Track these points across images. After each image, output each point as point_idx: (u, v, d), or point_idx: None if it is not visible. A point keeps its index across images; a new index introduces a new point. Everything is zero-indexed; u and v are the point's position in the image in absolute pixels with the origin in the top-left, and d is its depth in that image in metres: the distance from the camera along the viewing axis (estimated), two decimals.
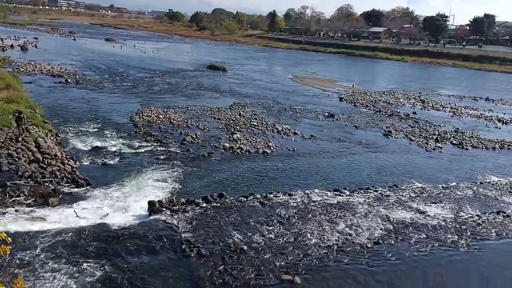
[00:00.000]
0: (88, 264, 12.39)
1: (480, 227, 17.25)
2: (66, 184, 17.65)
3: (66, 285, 11.32)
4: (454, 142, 31.08)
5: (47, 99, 33.26)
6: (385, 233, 16.08)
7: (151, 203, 16.27)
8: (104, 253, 13.06)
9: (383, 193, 20.00)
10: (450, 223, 17.43)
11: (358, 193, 19.67)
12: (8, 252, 6.01)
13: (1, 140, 19.79)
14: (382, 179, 22.18)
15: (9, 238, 5.96)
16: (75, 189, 17.40)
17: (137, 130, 26.71)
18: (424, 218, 17.71)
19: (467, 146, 30.36)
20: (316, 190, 19.48)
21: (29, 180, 17.12)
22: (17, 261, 11.92)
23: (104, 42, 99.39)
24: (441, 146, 29.84)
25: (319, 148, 26.94)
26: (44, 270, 11.83)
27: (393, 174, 23.25)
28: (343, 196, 19.18)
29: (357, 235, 15.66)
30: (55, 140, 22.52)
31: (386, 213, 17.77)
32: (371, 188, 20.48)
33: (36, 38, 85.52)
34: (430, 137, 31.84)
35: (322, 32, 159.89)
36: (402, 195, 19.94)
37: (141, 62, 65.20)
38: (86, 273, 11.97)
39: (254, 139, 26.89)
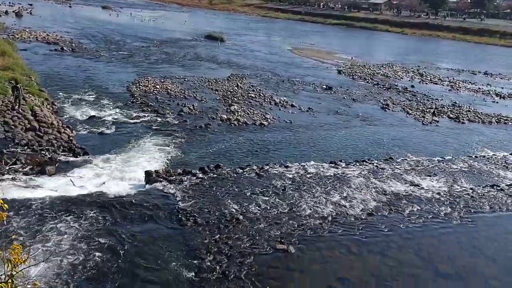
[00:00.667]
0: (84, 231, 12.51)
1: (474, 200, 17.44)
2: (63, 153, 17.68)
3: (62, 251, 11.47)
4: (451, 116, 31.11)
5: (43, 66, 32.96)
6: (379, 205, 16.25)
7: (148, 173, 16.33)
8: (100, 221, 13.18)
9: (379, 165, 20.11)
10: (444, 196, 17.61)
11: (353, 166, 19.75)
12: (5, 218, 6.05)
13: None
14: (378, 152, 22.29)
15: (5, 205, 5.98)
16: (72, 158, 17.44)
17: (134, 100, 26.59)
18: (418, 190, 17.87)
19: (463, 120, 30.40)
20: (312, 162, 19.56)
21: (25, 148, 17.13)
22: (14, 228, 12.05)
23: (100, 10, 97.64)
24: (437, 119, 29.88)
25: (316, 120, 26.93)
26: (41, 236, 11.96)
27: (389, 147, 23.35)
28: (338, 168, 19.27)
29: (351, 207, 15.82)
30: (51, 108, 22.42)
31: (381, 185, 17.91)
32: (367, 160, 20.59)
33: (31, 5, 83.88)
34: (427, 110, 31.84)
35: (322, 3, 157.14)
36: (397, 168, 20.07)
37: (138, 31, 64.30)
38: (82, 240, 12.09)
39: (251, 111, 26.83)
